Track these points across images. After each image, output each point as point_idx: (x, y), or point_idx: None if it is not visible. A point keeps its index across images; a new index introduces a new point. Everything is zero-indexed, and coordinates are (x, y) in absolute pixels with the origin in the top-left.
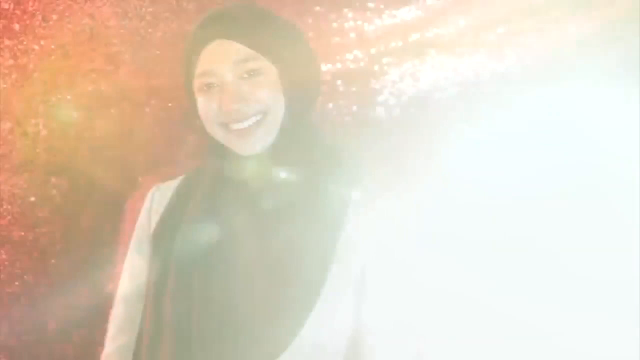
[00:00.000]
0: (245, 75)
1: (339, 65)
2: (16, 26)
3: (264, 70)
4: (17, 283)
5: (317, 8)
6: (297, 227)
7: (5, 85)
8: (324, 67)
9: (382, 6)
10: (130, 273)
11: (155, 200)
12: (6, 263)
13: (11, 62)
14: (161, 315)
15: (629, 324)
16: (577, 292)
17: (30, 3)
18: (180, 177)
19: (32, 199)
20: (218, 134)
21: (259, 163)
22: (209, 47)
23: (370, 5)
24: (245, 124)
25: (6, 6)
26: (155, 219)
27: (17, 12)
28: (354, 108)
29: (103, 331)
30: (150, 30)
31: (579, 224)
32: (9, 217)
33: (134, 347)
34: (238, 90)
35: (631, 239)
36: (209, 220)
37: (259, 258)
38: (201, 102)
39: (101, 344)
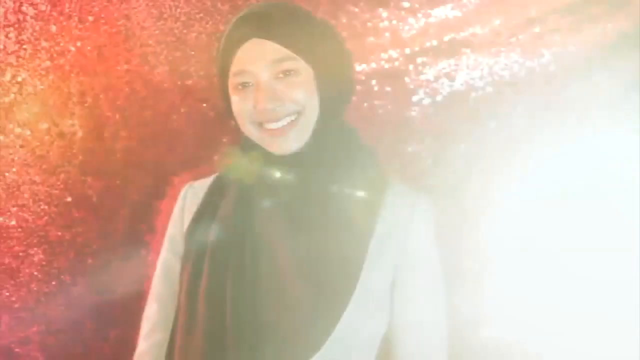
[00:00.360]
0: (281, 75)
1: (373, 65)
2: (53, 28)
3: (299, 70)
4: (54, 282)
5: (352, 8)
6: (329, 229)
7: (42, 87)
8: (359, 67)
9: (417, 5)
10: (164, 272)
11: (188, 199)
12: (43, 263)
13: (48, 63)
14: (194, 314)
15: None
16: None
17: (67, 5)
18: (213, 176)
19: (69, 199)
20: (252, 133)
21: (292, 163)
22: (245, 46)
23: (405, 4)
24: (280, 124)
25: (43, 8)
26: (188, 217)
27: (54, 13)
28: (389, 108)
29: (139, 330)
30: (185, 31)
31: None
32: (46, 217)
33: (167, 345)
34: (273, 90)
35: None
36: (242, 220)
37: (291, 259)
38: (236, 101)
39: (137, 342)
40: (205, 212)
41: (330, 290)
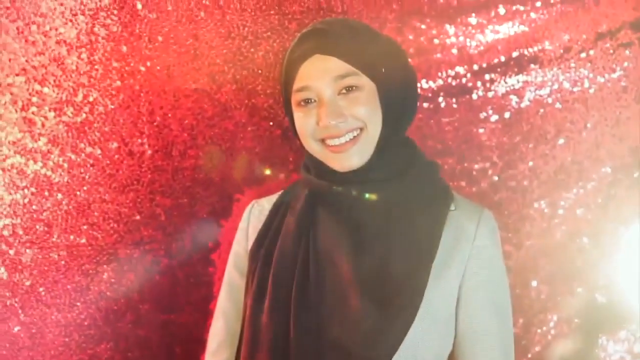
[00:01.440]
0: (344, 91)
1: (440, 82)
2: (124, 48)
3: (362, 86)
4: (122, 300)
5: (418, 24)
6: (393, 245)
7: (112, 106)
8: (425, 84)
9: (484, 21)
10: (229, 288)
11: (253, 216)
12: (112, 280)
13: (119, 83)
14: (258, 331)
15: None
16: None
17: (137, 26)
18: (278, 193)
19: (138, 217)
20: (315, 150)
21: (355, 179)
22: (308, 62)
23: (472, 21)
24: (342, 140)
25: (114, 29)
26: (252, 234)
27: (125, 34)
28: (456, 125)
29: (204, 346)
30: (252, 49)
31: None
32: (115, 236)
33: None
34: (336, 105)
35: None
36: (305, 236)
37: (355, 275)
38: (299, 117)
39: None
40: (270, 229)
41: (395, 308)
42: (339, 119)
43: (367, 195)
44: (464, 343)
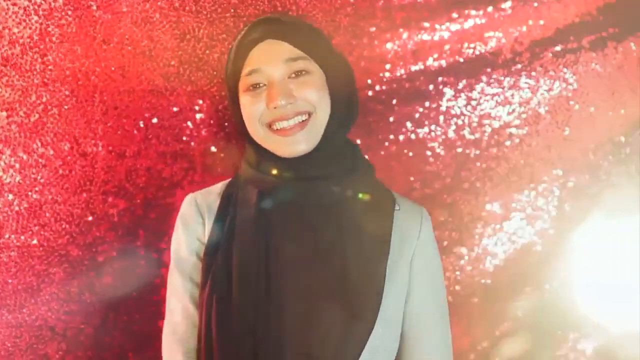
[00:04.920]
0: (293, 75)
1: (394, 85)
2: (78, 49)
3: (311, 71)
4: (74, 301)
5: (373, 28)
6: (348, 249)
7: (66, 107)
8: (379, 87)
9: (437, 25)
10: (182, 278)
11: (201, 206)
12: (64, 281)
13: (72, 84)
14: (226, 325)
15: None
16: None
17: (92, 26)
18: (219, 185)
19: (90, 218)
20: (260, 135)
21: (300, 168)
22: (259, 46)
23: (426, 24)
24: (290, 123)
25: (69, 30)
26: (208, 223)
27: (79, 35)
28: (409, 127)
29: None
30: (207, 51)
31: None
32: (67, 236)
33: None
34: (286, 87)
35: None
36: (264, 243)
37: (317, 283)
38: (247, 101)
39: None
40: (222, 231)
41: (357, 312)
42: (289, 99)
43: (320, 195)
44: (409, 338)
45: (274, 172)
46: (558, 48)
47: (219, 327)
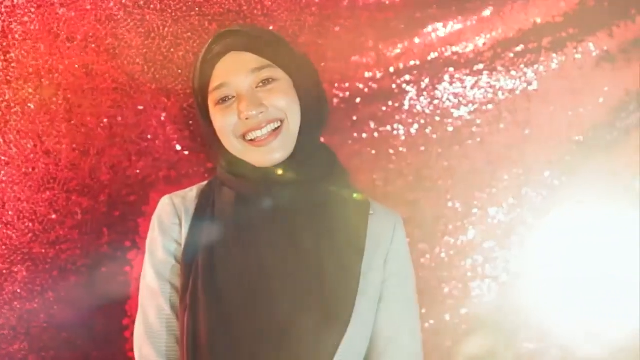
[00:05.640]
0: (261, 84)
1: (358, 85)
2: (41, 46)
3: (278, 78)
4: (37, 300)
5: (337, 28)
6: (325, 254)
7: (29, 105)
8: (344, 86)
9: (402, 25)
10: (161, 284)
11: (179, 208)
12: (26, 280)
13: (36, 82)
14: (197, 329)
15: None
16: None
17: (55, 24)
18: (194, 188)
19: (53, 216)
20: (236, 148)
21: (280, 180)
22: (223, 60)
23: (391, 24)
24: (265, 132)
25: (32, 27)
26: (185, 226)
27: (43, 32)
28: (372, 126)
29: (121, 348)
30: (172, 50)
31: None
32: (30, 235)
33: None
34: (255, 97)
35: None
36: (246, 249)
37: (300, 289)
38: (218, 116)
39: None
40: (201, 225)
41: (332, 316)
42: (260, 109)
43: (297, 200)
44: (379, 341)
45: (251, 177)
46: (519, 48)
47: (208, 331)
